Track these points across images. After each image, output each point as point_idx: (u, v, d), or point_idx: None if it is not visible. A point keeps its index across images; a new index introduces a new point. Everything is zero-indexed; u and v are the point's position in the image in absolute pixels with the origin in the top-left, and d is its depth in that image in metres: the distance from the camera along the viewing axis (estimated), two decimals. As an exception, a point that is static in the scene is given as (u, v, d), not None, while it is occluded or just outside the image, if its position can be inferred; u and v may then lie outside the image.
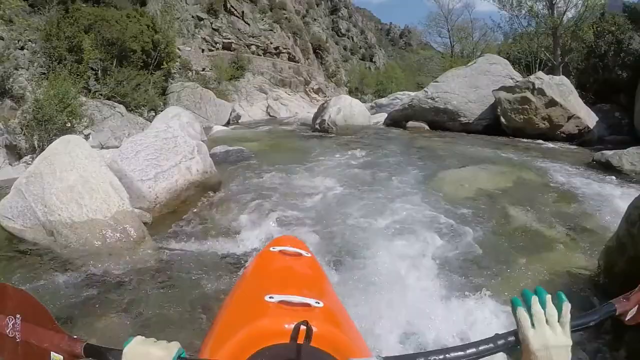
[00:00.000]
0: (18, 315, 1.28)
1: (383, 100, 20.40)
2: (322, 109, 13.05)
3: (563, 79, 12.47)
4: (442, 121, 12.70)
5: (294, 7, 49.98)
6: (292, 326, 1.31)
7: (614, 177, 6.91)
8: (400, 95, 19.89)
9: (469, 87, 13.03)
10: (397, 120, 13.45)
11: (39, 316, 1.28)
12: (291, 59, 40.60)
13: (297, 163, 7.74)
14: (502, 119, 11.87)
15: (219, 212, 5.38)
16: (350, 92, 39.20)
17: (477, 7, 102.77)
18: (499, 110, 11.93)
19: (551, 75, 12.62)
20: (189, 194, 5.66)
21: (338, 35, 68.84)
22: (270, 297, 1.58)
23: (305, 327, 1.29)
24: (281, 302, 1.57)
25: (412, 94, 15.68)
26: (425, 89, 13.58)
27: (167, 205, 5.32)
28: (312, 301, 1.59)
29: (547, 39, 21.20)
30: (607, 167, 7.43)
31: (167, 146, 5.80)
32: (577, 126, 11.44)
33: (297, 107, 30.76)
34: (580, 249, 4.29)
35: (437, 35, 37.81)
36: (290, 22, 44.30)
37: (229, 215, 5.22)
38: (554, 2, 20.59)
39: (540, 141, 10.97)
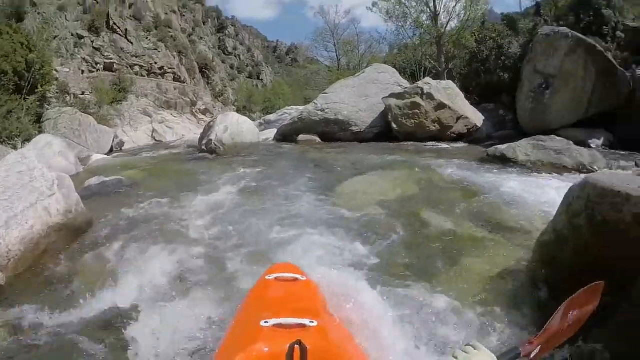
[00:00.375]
0: None
1: (271, 117, 19.76)
2: (208, 128, 12.17)
3: (449, 83, 13.10)
4: (333, 132, 12.40)
5: (180, 25, 48.67)
6: (287, 347, 1.39)
7: (512, 168, 7.21)
8: (288, 110, 19.43)
9: (359, 97, 12.90)
10: (287, 135, 12.94)
11: None
12: (177, 79, 39.28)
13: (181, 188, 6.87)
14: (394, 125, 11.87)
15: (91, 260, 4.30)
16: (238, 111, 38.43)
17: (363, 22, 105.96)
18: (389, 116, 11.93)
19: (438, 80, 13.13)
20: (50, 242, 4.51)
21: (225, 54, 68.25)
22: (265, 322, 1.65)
23: (299, 347, 1.38)
24: (276, 325, 1.64)
25: (301, 108, 15.29)
26: (314, 101, 13.26)
27: (23, 260, 4.13)
28: (306, 321, 1.66)
29: (432, 48, 22.19)
30: (503, 160, 7.75)
31: (21, 182, 4.68)
32: (466, 126, 11.99)
33: (183, 130, 29.55)
34: (506, 244, 4.09)
35: (323, 50, 38.10)
36: (176, 41, 42.95)
37: (103, 263, 4.19)
38: (437, 14, 21.46)
39: (434, 143, 11.21)
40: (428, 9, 22.40)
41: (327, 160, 8.90)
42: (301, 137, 12.43)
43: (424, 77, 15.51)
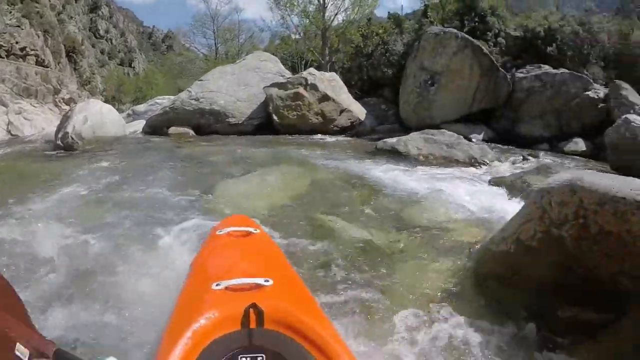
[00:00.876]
0: None
1: (141, 107, 18.02)
2: (65, 119, 10.27)
3: (334, 75, 12.98)
4: (208, 124, 11.34)
5: (49, 0, 44.38)
6: (242, 311, 1.39)
7: (405, 163, 7.16)
8: (160, 99, 17.86)
9: (238, 85, 12.03)
10: (157, 127, 11.54)
11: (12, 306, 1.25)
12: (40, 63, 35.45)
13: (18, 195, 5.22)
14: (275, 117, 11.24)
15: None
16: (107, 102, 35.63)
17: (247, 12, 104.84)
18: (270, 107, 11.27)
19: (322, 72, 12.94)
20: None
21: (96, 37, 64.22)
22: (217, 285, 1.58)
23: (254, 310, 1.38)
24: (228, 287, 1.57)
25: (174, 97, 13.86)
26: (188, 88, 12.11)
27: None
28: (261, 280, 1.60)
29: (315, 40, 22.05)
30: (393, 154, 7.86)
31: None
32: (349, 119, 11.91)
33: (44, 122, 26.13)
34: (434, 252, 3.58)
35: (202, 37, 36.75)
36: (43, 18, 38.75)
37: None
38: (325, 6, 21.89)
39: (318, 136, 10.93)
40: (316, 0, 22.18)
41: (202, 156, 7.94)
42: (172, 129, 11.13)
43: (305, 70, 15.08)
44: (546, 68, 11.70)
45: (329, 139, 10.59)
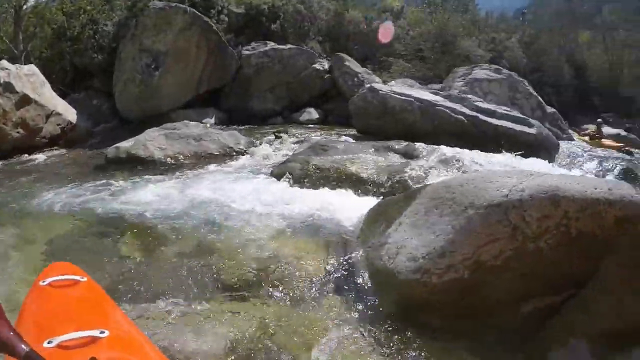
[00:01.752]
0: None
1: None
2: None
3: (32, 68, 10.31)
4: None
5: None
6: None
7: (155, 172, 6.25)
8: None
9: None
10: None
11: None
12: None
13: None
14: None
15: None
16: None
17: None
18: None
19: (18, 65, 10.39)
20: None
21: None
22: (48, 343, 1.44)
23: None
24: (61, 344, 1.44)
25: None
26: None
27: None
28: (96, 332, 1.49)
29: (6, 24, 18.63)
30: (134, 162, 6.61)
31: None
32: (58, 124, 9.66)
33: None
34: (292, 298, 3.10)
35: None
36: None
37: None
38: None
39: (25, 156, 8.42)
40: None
41: None
42: None
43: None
44: (272, 44, 12.49)
45: (40, 157, 8.35)
